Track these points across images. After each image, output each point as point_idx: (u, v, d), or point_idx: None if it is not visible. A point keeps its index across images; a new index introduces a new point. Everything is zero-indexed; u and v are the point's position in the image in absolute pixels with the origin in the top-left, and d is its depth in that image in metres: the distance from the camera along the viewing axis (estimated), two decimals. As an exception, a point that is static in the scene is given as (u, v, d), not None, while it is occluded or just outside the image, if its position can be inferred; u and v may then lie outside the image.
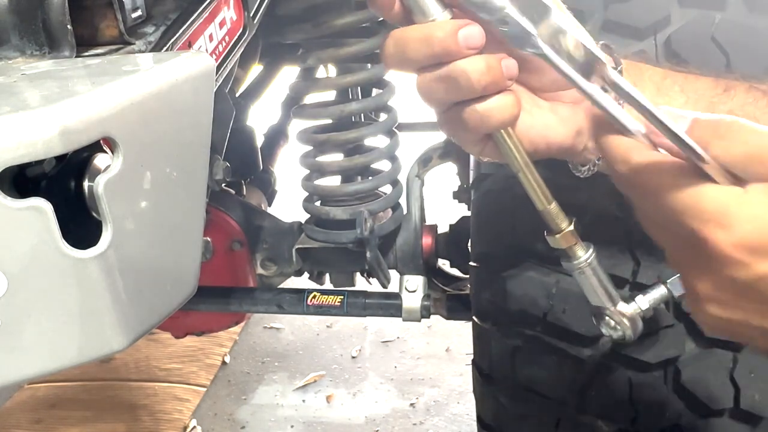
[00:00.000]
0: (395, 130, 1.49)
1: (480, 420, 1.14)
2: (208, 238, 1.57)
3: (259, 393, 2.35)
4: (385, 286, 1.52)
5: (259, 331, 2.68)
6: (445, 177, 1.86)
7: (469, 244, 1.18)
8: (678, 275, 0.68)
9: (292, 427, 2.18)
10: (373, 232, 1.39)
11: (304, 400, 2.29)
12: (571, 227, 0.71)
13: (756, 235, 0.51)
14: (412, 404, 2.21)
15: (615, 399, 0.98)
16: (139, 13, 0.73)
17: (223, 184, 1.22)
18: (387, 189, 1.51)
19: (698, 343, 0.95)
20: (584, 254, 0.73)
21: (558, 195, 0.67)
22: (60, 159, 0.57)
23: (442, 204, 1.96)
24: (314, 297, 1.53)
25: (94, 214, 0.56)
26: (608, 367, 0.98)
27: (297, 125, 1.57)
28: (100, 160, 0.59)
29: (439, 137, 1.55)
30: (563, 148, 0.69)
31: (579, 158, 0.72)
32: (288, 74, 2.06)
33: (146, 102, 0.53)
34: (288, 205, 2.09)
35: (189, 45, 0.79)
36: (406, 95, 1.16)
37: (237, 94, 1.86)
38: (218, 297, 1.57)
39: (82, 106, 0.48)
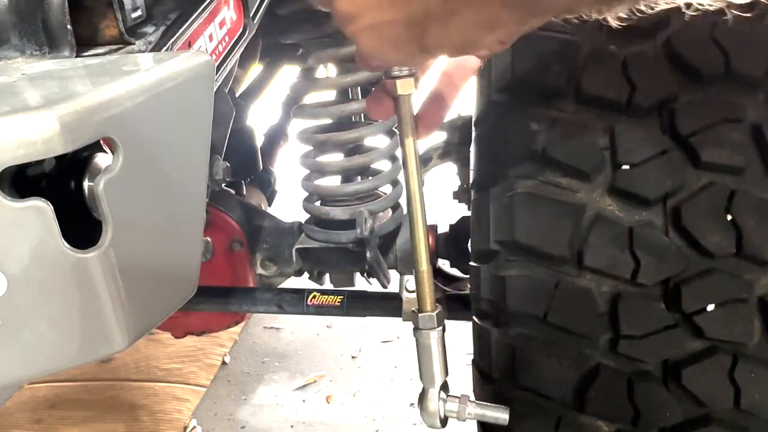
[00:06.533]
0: (395, 130, 1.49)
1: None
2: (208, 238, 1.57)
3: (259, 393, 2.35)
4: (385, 286, 1.52)
5: (259, 331, 2.68)
6: (445, 177, 1.86)
7: (469, 243, 1.18)
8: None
9: (292, 427, 2.18)
10: (373, 232, 1.39)
11: (304, 400, 2.29)
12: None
13: None
14: (412, 404, 2.21)
15: (615, 399, 0.98)
16: (139, 13, 0.73)
17: (223, 184, 1.22)
18: (387, 189, 1.51)
19: (698, 343, 0.95)
20: (441, 322, 0.84)
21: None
22: (60, 159, 0.56)
23: (442, 204, 1.96)
24: (314, 297, 1.53)
25: (94, 214, 0.56)
26: (608, 367, 0.98)
27: (297, 125, 1.57)
28: (100, 159, 0.59)
29: (439, 137, 1.55)
30: None
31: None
32: (288, 74, 2.07)
33: (146, 102, 0.53)
34: (288, 205, 2.09)
35: (189, 45, 0.79)
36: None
37: (237, 94, 1.86)
38: (218, 297, 1.57)
39: (82, 106, 0.48)
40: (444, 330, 0.87)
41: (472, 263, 1.12)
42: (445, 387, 0.89)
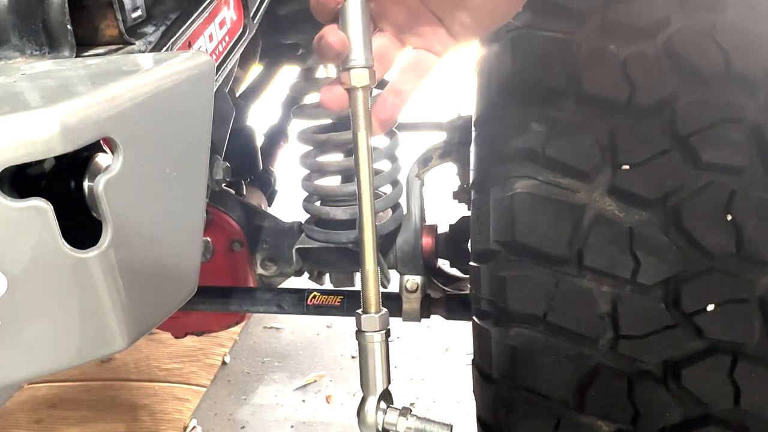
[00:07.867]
0: (395, 130, 1.49)
1: (480, 420, 1.14)
2: (208, 238, 1.57)
3: (259, 393, 2.35)
4: (385, 286, 1.52)
5: (259, 331, 2.68)
6: (445, 177, 1.86)
7: (469, 243, 1.18)
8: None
9: (292, 427, 2.18)
10: (373, 232, 1.39)
11: (304, 400, 2.29)
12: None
13: None
14: (412, 404, 2.21)
15: (615, 399, 0.98)
16: (139, 13, 0.73)
17: (223, 184, 1.22)
18: (387, 189, 1.51)
19: (698, 343, 0.95)
20: (386, 325, 0.79)
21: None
22: (60, 159, 0.56)
23: (442, 204, 1.96)
24: (314, 297, 1.53)
25: (94, 214, 0.56)
26: (608, 367, 0.98)
27: (297, 125, 1.57)
28: (100, 159, 0.59)
29: (439, 137, 1.55)
30: None
31: None
32: (288, 74, 2.07)
33: (146, 102, 0.53)
34: (288, 205, 2.09)
35: (189, 45, 0.79)
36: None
37: (237, 94, 1.86)
38: (218, 297, 1.57)
39: (82, 106, 0.48)
40: (388, 334, 0.81)
41: (472, 263, 1.11)
42: (385, 396, 0.83)
